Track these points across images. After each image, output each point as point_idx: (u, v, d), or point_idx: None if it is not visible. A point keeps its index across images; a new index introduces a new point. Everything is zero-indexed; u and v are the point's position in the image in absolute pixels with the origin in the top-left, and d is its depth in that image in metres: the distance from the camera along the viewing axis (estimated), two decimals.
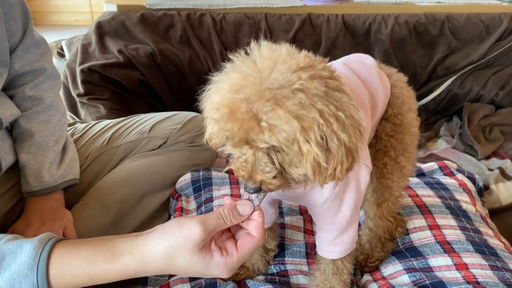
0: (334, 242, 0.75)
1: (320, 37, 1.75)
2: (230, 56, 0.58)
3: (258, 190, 0.59)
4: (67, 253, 0.59)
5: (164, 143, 1.13)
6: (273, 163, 0.57)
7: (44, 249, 0.58)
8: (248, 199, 0.62)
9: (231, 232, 0.65)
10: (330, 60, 0.67)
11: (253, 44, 0.58)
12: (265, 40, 0.59)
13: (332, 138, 0.54)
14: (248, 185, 0.59)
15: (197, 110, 0.65)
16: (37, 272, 0.57)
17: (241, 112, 0.53)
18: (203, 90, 0.61)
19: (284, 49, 0.58)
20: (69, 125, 1.15)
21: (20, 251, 0.58)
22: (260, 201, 0.63)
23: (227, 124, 0.54)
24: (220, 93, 0.56)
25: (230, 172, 1.24)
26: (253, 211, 0.62)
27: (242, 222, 0.63)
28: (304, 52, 0.59)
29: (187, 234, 0.57)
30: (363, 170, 0.73)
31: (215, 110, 0.55)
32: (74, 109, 1.57)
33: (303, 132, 0.53)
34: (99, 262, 0.58)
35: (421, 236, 0.96)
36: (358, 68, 0.82)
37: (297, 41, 1.73)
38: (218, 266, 0.59)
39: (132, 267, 0.58)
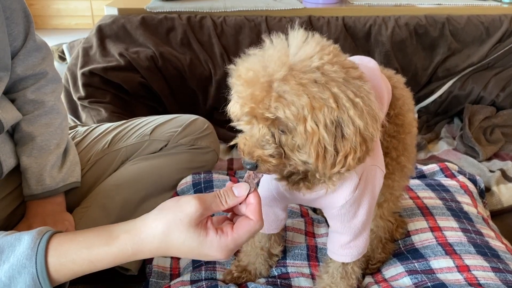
0: (348, 245, 0.76)
1: None
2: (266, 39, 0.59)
3: (254, 167, 0.59)
4: (64, 241, 0.59)
5: (165, 146, 1.13)
6: (275, 142, 0.57)
7: (42, 239, 0.58)
8: (246, 182, 0.62)
9: (233, 221, 0.65)
10: None
11: (291, 30, 0.59)
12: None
13: (348, 124, 0.54)
14: (245, 159, 0.59)
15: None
16: (35, 261, 0.56)
17: (259, 80, 0.54)
18: (235, 62, 0.61)
19: (317, 37, 0.59)
20: (70, 128, 1.16)
21: (19, 243, 0.58)
22: (257, 183, 0.62)
23: (243, 90, 0.56)
24: (249, 62, 0.57)
25: (231, 175, 1.24)
26: (248, 193, 0.61)
27: (240, 204, 0.62)
28: (333, 44, 0.60)
29: (184, 207, 0.58)
30: (378, 174, 0.73)
31: (238, 75, 0.57)
32: (75, 112, 1.57)
33: (311, 110, 0.53)
34: (96, 245, 0.59)
35: (422, 238, 0.96)
36: (363, 70, 0.82)
37: None
38: (212, 244, 0.58)
39: (129, 246, 0.58)
